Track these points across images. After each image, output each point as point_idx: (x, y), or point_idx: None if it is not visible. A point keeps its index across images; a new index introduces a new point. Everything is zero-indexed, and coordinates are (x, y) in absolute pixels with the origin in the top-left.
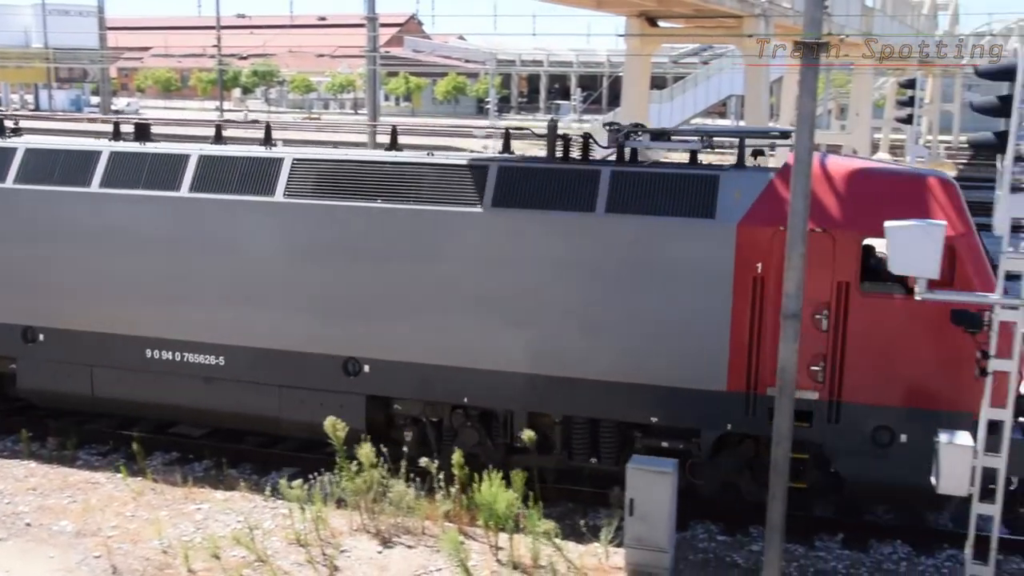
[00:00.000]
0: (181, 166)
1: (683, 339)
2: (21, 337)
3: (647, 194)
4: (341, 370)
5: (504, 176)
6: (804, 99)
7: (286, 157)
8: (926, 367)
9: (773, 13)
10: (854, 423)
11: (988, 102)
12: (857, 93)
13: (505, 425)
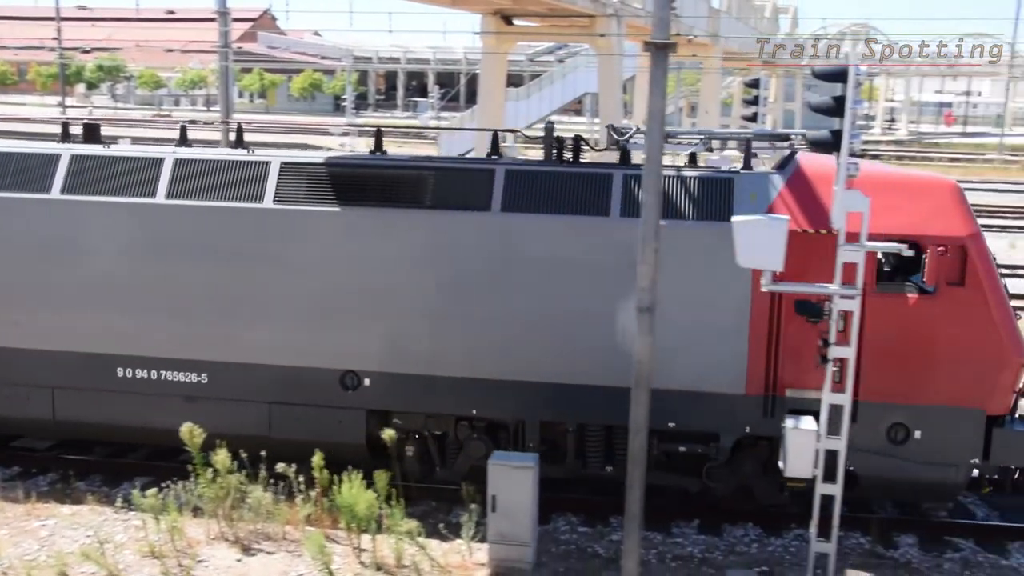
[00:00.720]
0: (156, 171)
1: (702, 343)
2: None
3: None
4: (339, 384)
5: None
6: (653, 97)
7: (273, 161)
8: (940, 364)
9: (625, 13)
10: (871, 422)
11: (824, 102)
12: (706, 92)
13: (515, 435)
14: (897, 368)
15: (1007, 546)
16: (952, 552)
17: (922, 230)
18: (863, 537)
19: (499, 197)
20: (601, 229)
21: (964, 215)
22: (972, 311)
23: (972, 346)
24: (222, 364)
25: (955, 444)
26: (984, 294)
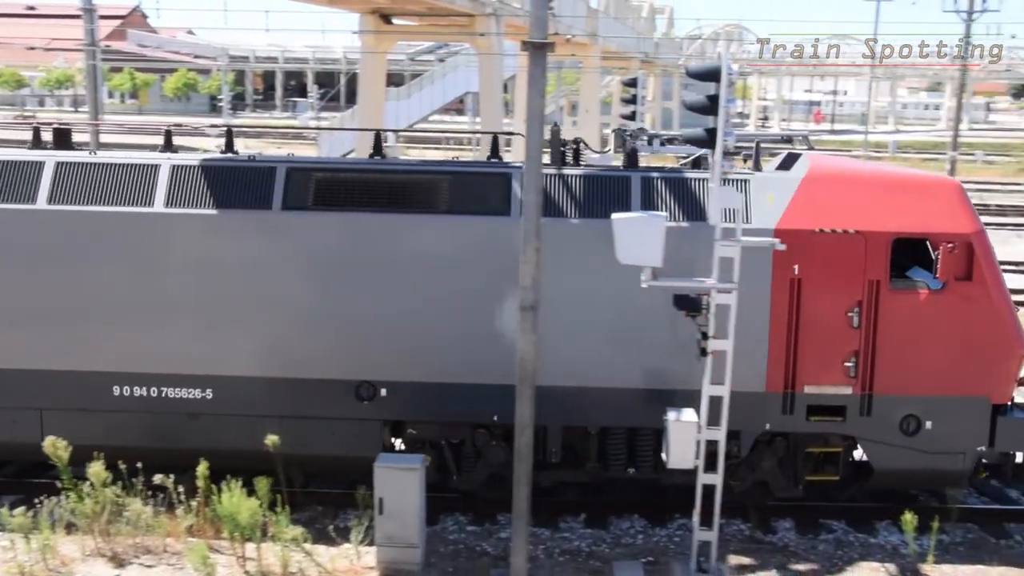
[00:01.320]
0: (151, 177)
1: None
2: None
3: (678, 199)
4: (353, 395)
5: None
6: (532, 97)
7: (279, 167)
8: (949, 355)
9: (504, 13)
10: (884, 414)
11: (698, 101)
12: (586, 91)
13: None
14: (909, 361)
15: (875, 525)
16: (826, 534)
17: (932, 228)
18: (744, 524)
19: (517, 201)
20: None
21: (969, 213)
22: (978, 304)
23: (978, 338)
24: (230, 378)
25: (963, 433)
26: (989, 288)
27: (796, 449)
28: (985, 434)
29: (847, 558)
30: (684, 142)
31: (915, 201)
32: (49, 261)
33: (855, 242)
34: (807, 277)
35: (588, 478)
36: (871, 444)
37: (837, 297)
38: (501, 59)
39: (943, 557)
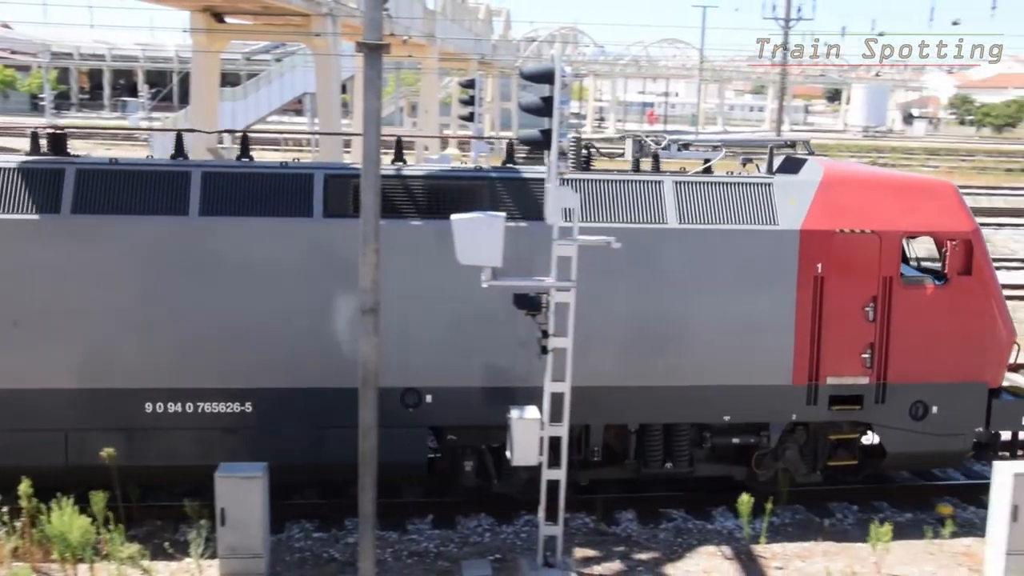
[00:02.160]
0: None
1: (754, 339)
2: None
3: (713, 203)
4: (399, 402)
5: None
6: (368, 98)
7: (316, 173)
8: (952, 345)
9: (340, 13)
10: (896, 401)
11: (533, 102)
12: (425, 92)
13: (578, 441)
14: (917, 351)
15: (712, 512)
16: (666, 522)
17: (937, 227)
18: (588, 517)
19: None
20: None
21: (967, 212)
22: (977, 297)
23: (977, 327)
24: (268, 391)
25: (964, 416)
26: (986, 281)
27: (816, 437)
28: (983, 416)
29: (686, 544)
30: (522, 143)
31: (921, 202)
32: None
33: (870, 241)
34: (828, 275)
35: (629, 474)
36: (885, 430)
37: (855, 293)
38: (338, 60)
39: (774, 538)
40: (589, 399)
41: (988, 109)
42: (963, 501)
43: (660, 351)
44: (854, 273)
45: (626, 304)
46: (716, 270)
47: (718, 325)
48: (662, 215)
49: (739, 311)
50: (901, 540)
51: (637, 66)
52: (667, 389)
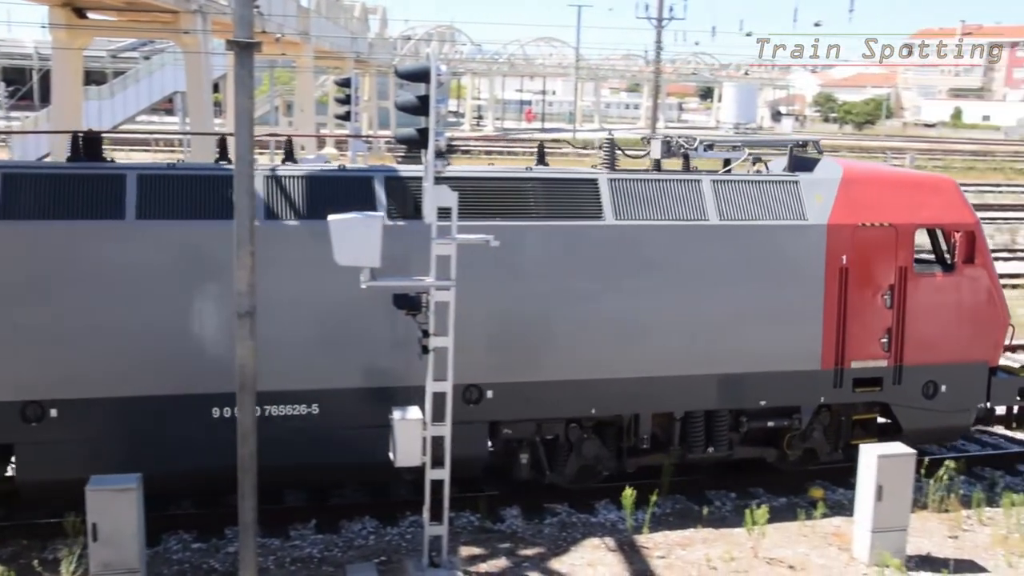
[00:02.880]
0: None
1: (788, 327)
2: (20, 417)
3: (747, 201)
4: (463, 397)
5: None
6: (240, 98)
7: (375, 176)
8: (958, 328)
9: (210, 10)
10: (911, 381)
11: (409, 101)
12: (301, 90)
13: (627, 430)
14: (928, 335)
15: (594, 505)
16: (551, 517)
17: (945, 219)
18: (473, 515)
19: (608, 206)
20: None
21: (969, 206)
22: (979, 283)
23: (980, 311)
24: (336, 391)
25: (970, 393)
26: (987, 268)
27: (839, 418)
28: (984, 393)
29: (571, 538)
30: (398, 142)
31: (930, 197)
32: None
33: (888, 234)
34: (852, 266)
35: (674, 460)
36: (901, 408)
37: (875, 282)
38: (209, 58)
39: (656, 528)
40: (640, 389)
41: (849, 107)
42: (833, 484)
43: (704, 341)
44: (874, 264)
45: (672, 298)
46: (753, 264)
47: (755, 316)
48: (703, 213)
49: (774, 302)
50: (776, 523)
51: (514, 65)
52: (710, 377)
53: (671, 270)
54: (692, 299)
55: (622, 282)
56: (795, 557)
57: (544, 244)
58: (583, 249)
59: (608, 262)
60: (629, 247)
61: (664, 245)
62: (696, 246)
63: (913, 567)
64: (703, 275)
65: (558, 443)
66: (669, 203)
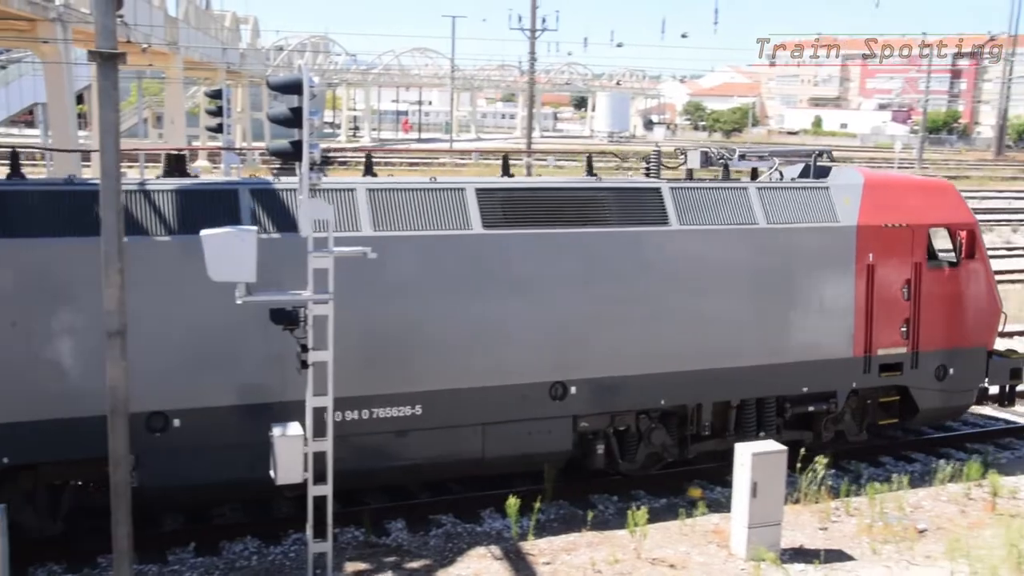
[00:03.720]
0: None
1: (826, 319)
2: (145, 427)
3: (788, 205)
4: (548, 394)
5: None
6: (104, 110)
7: (467, 187)
8: (962, 316)
9: (71, 19)
10: (926, 366)
11: (281, 113)
12: (171, 102)
13: (692, 418)
14: (940, 323)
15: (480, 514)
16: (436, 529)
17: (951, 219)
18: (357, 530)
19: (673, 212)
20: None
21: (967, 207)
22: (979, 276)
23: (980, 301)
24: (438, 392)
25: (973, 374)
26: (984, 263)
27: (865, 401)
28: (983, 374)
29: (457, 548)
30: (272, 155)
31: (937, 199)
32: None
33: (905, 233)
34: (877, 262)
35: (728, 446)
36: (918, 390)
37: (896, 277)
38: (70, 68)
39: (541, 534)
40: (704, 380)
41: (717, 115)
42: (711, 483)
43: (757, 334)
44: (894, 260)
45: (730, 295)
46: (795, 263)
47: (799, 310)
48: (752, 217)
49: (814, 296)
50: (658, 524)
51: (390, 75)
52: (763, 368)
53: (728, 270)
54: (747, 296)
55: (687, 282)
56: (676, 556)
57: (616, 249)
58: (651, 252)
59: (674, 264)
60: (692, 250)
61: (721, 247)
62: (748, 248)
63: (787, 559)
64: (755, 274)
65: (628, 433)
66: (723, 209)
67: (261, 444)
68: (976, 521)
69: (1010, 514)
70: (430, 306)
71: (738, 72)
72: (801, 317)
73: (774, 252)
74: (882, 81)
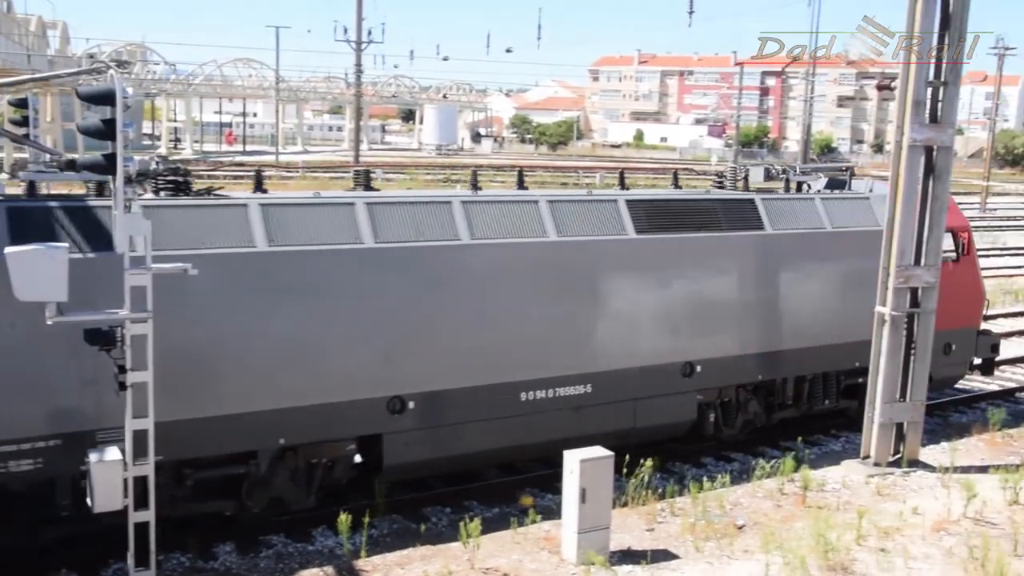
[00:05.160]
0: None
1: (871, 306)
2: (386, 409)
3: (842, 213)
4: (681, 372)
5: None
6: None
7: (619, 199)
8: (960, 302)
9: None
10: (938, 342)
11: (92, 124)
12: None
13: (779, 390)
14: (947, 308)
15: (311, 533)
16: (266, 550)
17: (953, 223)
18: (184, 555)
19: (766, 219)
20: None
21: (961, 212)
22: (971, 269)
23: (972, 289)
24: (604, 373)
25: (968, 350)
26: (976, 258)
27: None
28: (974, 350)
29: (288, 569)
30: (83, 169)
31: None
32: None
33: None
34: None
35: (801, 413)
36: (933, 364)
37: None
38: None
39: (375, 550)
40: (790, 358)
41: (543, 128)
42: (542, 491)
43: (827, 318)
44: None
45: (810, 286)
46: (850, 259)
47: (854, 297)
48: (821, 222)
49: (863, 286)
50: (491, 534)
51: (212, 86)
52: (831, 347)
53: (807, 266)
54: (819, 287)
55: (780, 276)
56: (509, 564)
57: (722, 250)
58: (748, 253)
59: (770, 262)
60: (782, 250)
61: (802, 248)
62: (819, 248)
63: (616, 561)
64: (824, 269)
65: (730, 404)
66: (800, 216)
67: None
68: (789, 514)
69: (818, 506)
70: (607, 305)
71: (563, 87)
72: (855, 304)
73: (836, 251)
74: (698, 97)
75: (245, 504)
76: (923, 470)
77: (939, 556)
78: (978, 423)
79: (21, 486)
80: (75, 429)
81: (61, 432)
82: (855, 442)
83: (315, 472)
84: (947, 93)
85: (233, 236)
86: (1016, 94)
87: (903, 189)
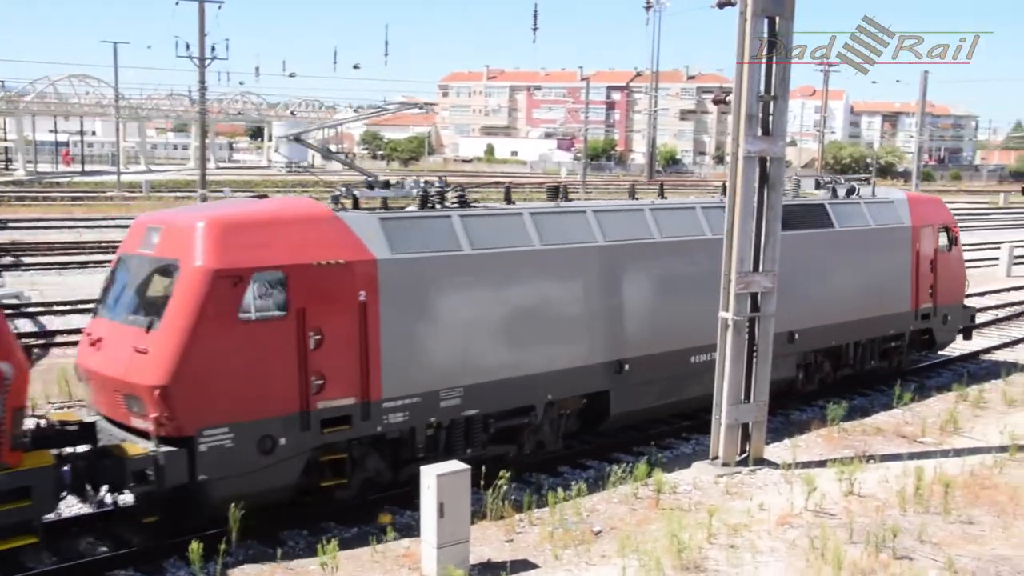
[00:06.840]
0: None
1: (899, 285)
2: (613, 371)
3: (879, 214)
4: (787, 340)
5: None
6: None
7: (696, 207)
8: (951, 283)
9: None
10: (940, 315)
11: None
12: None
13: (844, 353)
14: (945, 287)
15: (163, 564)
16: None
17: (949, 221)
18: None
19: (834, 219)
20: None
21: (950, 212)
22: (960, 256)
23: (959, 273)
24: None
25: (958, 319)
26: (960, 249)
27: (909, 338)
28: (961, 320)
29: None
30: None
31: (939, 208)
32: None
33: (933, 230)
34: (920, 249)
35: (853, 372)
36: (936, 331)
37: (928, 258)
38: None
39: None
40: (852, 327)
41: (395, 144)
42: (401, 508)
43: (872, 296)
44: (927, 247)
45: (863, 271)
46: (886, 249)
47: (889, 279)
48: (867, 221)
49: (895, 271)
50: (350, 552)
51: (45, 103)
52: (875, 319)
53: (861, 255)
54: (870, 271)
55: (847, 263)
56: None
57: (811, 243)
58: (825, 243)
59: (836, 252)
60: (847, 243)
61: (857, 240)
62: (867, 241)
63: (477, 574)
64: (871, 257)
65: (811, 366)
66: (854, 216)
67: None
68: (643, 518)
69: (671, 508)
70: None
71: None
72: (890, 284)
73: (878, 244)
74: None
75: (520, 447)
76: (768, 467)
77: (783, 549)
78: (817, 419)
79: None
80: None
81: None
82: (704, 444)
83: (562, 421)
84: (777, 107)
85: (515, 238)
86: (841, 107)
87: (740, 199)
